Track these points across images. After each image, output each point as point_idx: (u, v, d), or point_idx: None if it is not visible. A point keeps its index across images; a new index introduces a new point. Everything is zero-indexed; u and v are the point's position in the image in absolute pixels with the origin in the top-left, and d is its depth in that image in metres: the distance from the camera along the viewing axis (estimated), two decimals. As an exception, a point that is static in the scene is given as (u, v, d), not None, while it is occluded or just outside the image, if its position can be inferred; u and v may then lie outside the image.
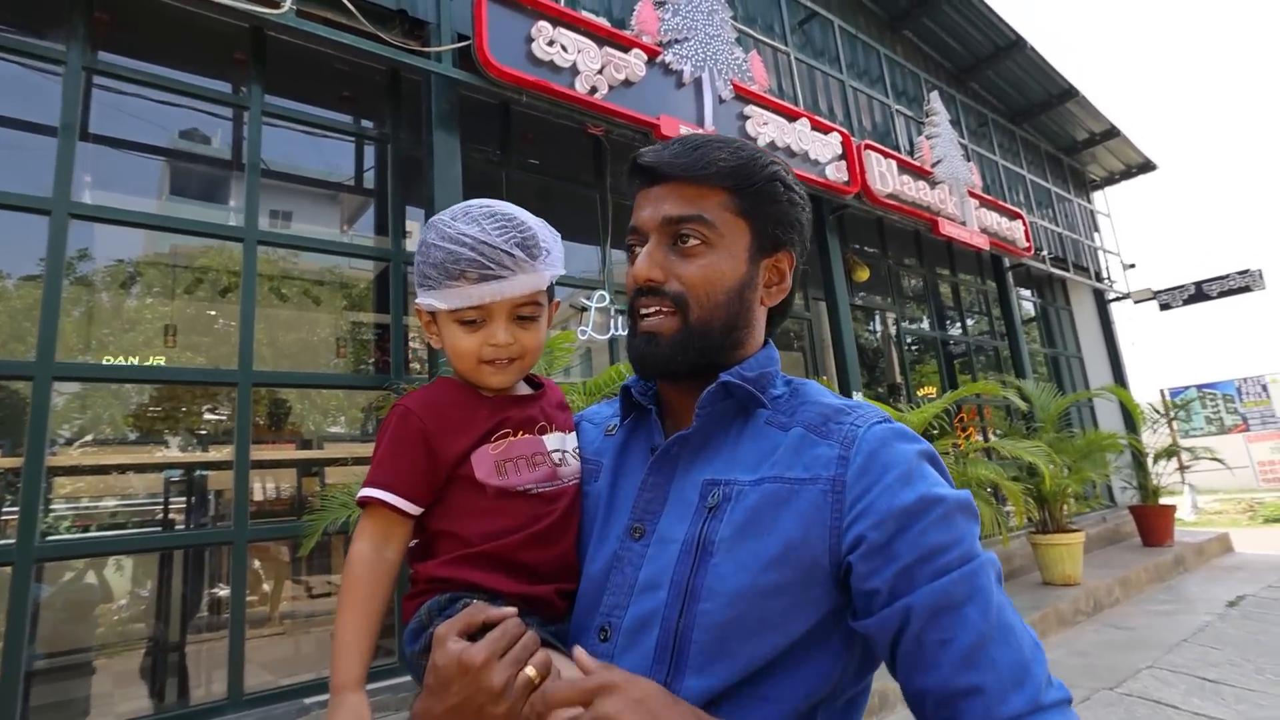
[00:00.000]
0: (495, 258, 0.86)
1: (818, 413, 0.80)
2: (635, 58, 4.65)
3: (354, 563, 0.83)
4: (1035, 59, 8.67)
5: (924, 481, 0.72)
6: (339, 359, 5.57)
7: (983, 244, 7.51)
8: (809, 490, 0.73)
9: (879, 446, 0.74)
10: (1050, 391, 7.06)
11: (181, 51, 3.67)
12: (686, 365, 0.83)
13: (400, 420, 0.87)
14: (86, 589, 3.97)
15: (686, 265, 0.82)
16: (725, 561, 0.72)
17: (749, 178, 0.83)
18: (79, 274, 4.05)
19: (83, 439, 4.44)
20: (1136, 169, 11.48)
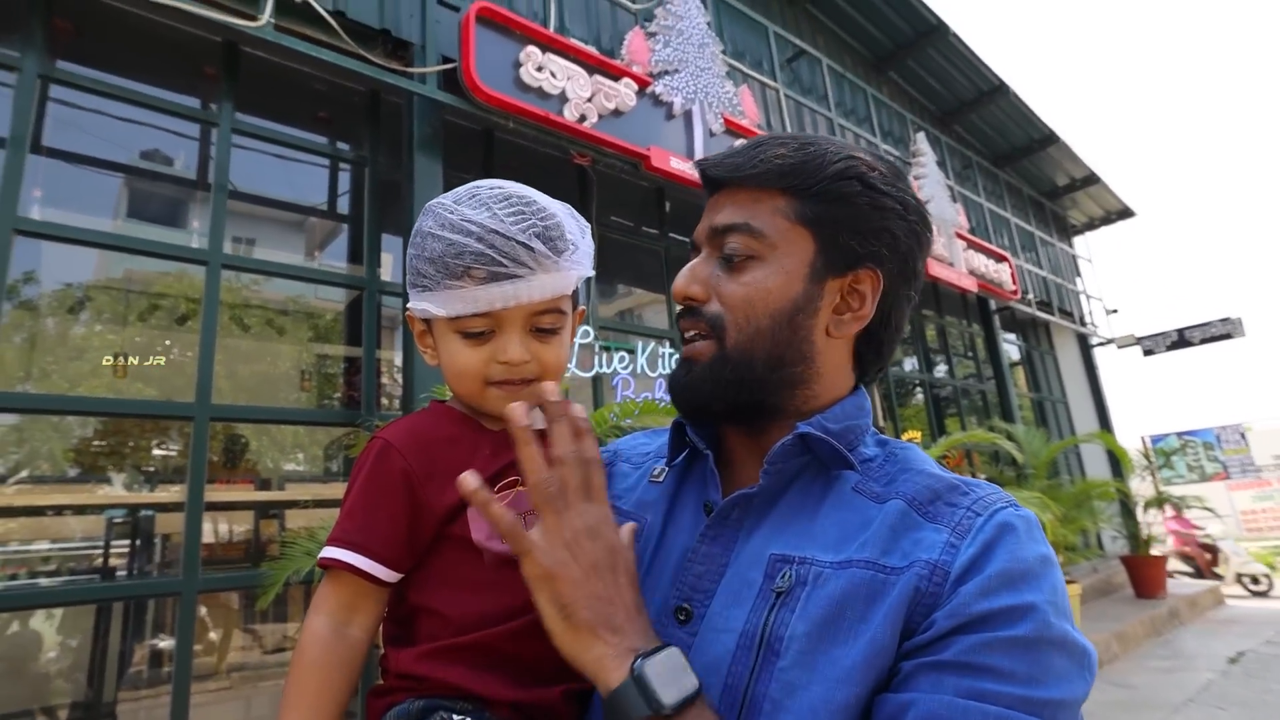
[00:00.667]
0: (510, 251, 0.69)
1: (925, 486, 0.65)
2: (626, 87, 4.65)
3: (308, 644, 0.65)
4: (1018, 104, 8.94)
5: (1035, 592, 0.56)
6: (303, 392, 5.35)
7: (970, 286, 7.60)
8: (904, 579, 0.58)
9: (1000, 535, 0.59)
10: (1042, 437, 7.09)
11: (148, 64, 3.55)
12: (723, 403, 0.70)
13: (378, 460, 0.70)
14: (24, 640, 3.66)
15: (730, 282, 0.70)
16: (796, 666, 0.57)
17: (811, 176, 0.69)
18: (24, 297, 3.84)
19: (15, 476, 4.16)
20: (1116, 215, 11.86)
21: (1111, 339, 11.23)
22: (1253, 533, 15.34)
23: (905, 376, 8.50)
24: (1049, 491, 6.43)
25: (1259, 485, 15.73)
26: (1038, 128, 9.49)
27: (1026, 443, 6.97)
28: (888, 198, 0.70)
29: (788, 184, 0.69)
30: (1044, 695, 0.52)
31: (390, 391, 4.56)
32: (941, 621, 0.55)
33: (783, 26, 6.94)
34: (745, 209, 0.71)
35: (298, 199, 4.46)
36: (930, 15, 7.71)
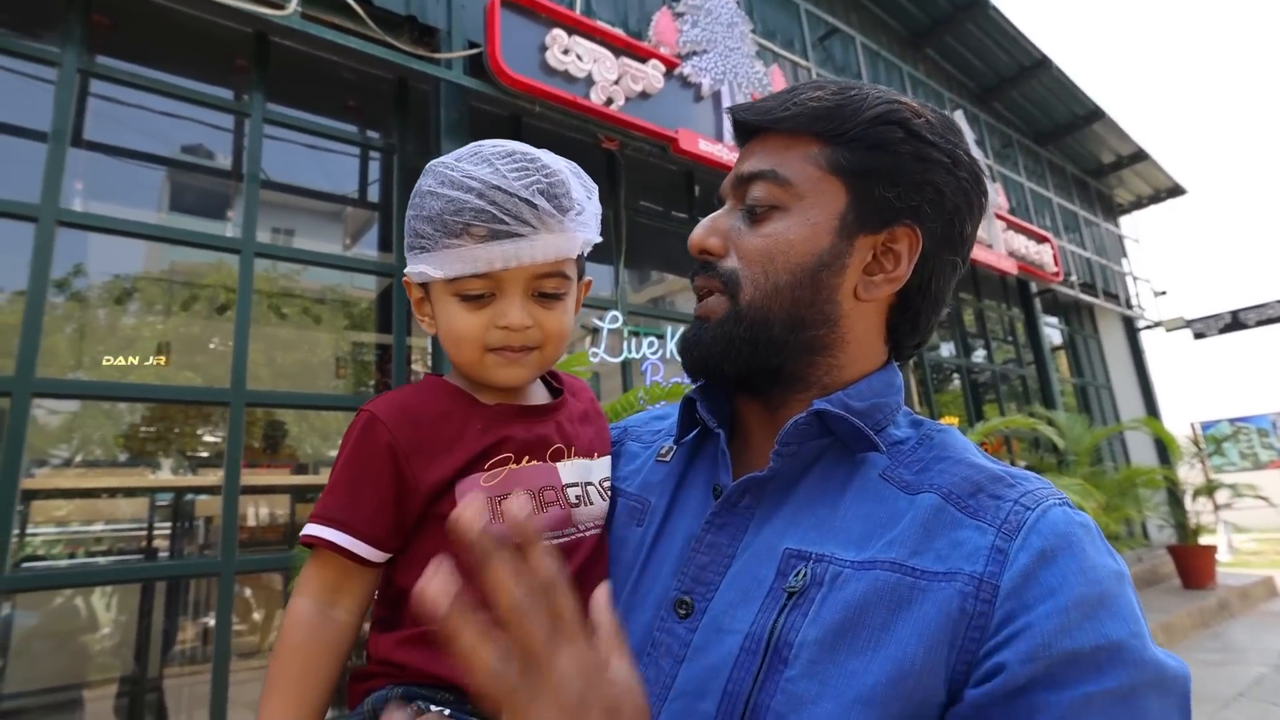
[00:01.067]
0: (512, 208, 0.64)
1: (964, 476, 0.57)
2: (653, 69, 4.58)
3: (291, 626, 0.62)
4: (1061, 79, 8.61)
5: (1117, 622, 0.48)
6: (339, 380, 5.44)
7: (1010, 268, 7.38)
8: (941, 590, 0.51)
9: (1059, 545, 0.51)
10: (1083, 424, 6.87)
11: (182, 57, 3.61)
12: (735, 365, 0.64)
13: (363, 433, 0.66)
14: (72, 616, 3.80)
15: (750, 235, 0.64)
16: (806, 677, 0.50)
17: (848, 120, 0.62)
18: (74, 289, 3.96)
19: (69, 460, 4.32)
20: (1165, 193, 11.40)
21: (1160, 322, 10.87)
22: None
23: (942, 362, 8.31)
24: (1091, 479, 6.25)
25: (1317, 473, 15.08)
26: (1082, 103, 9.13)
27: (1068, 429, 6.77)
28: (934, 148, 0.62)
29: (821, 128, 0.63)
30: None
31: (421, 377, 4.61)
32: (1016, 666, 0.47)
33: (814, 4, 6.76)
34: (774, 155, 0.65)
35: (329, 188, 4.50)
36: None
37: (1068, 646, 0.47)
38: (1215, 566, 7.74)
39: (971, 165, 0.65)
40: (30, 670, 3.36)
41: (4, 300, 3.54)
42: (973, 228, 0.67)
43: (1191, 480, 8.39)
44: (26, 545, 4.00)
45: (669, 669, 0.57)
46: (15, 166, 3.03)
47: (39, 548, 4.08)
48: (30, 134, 3.10)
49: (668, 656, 0.58)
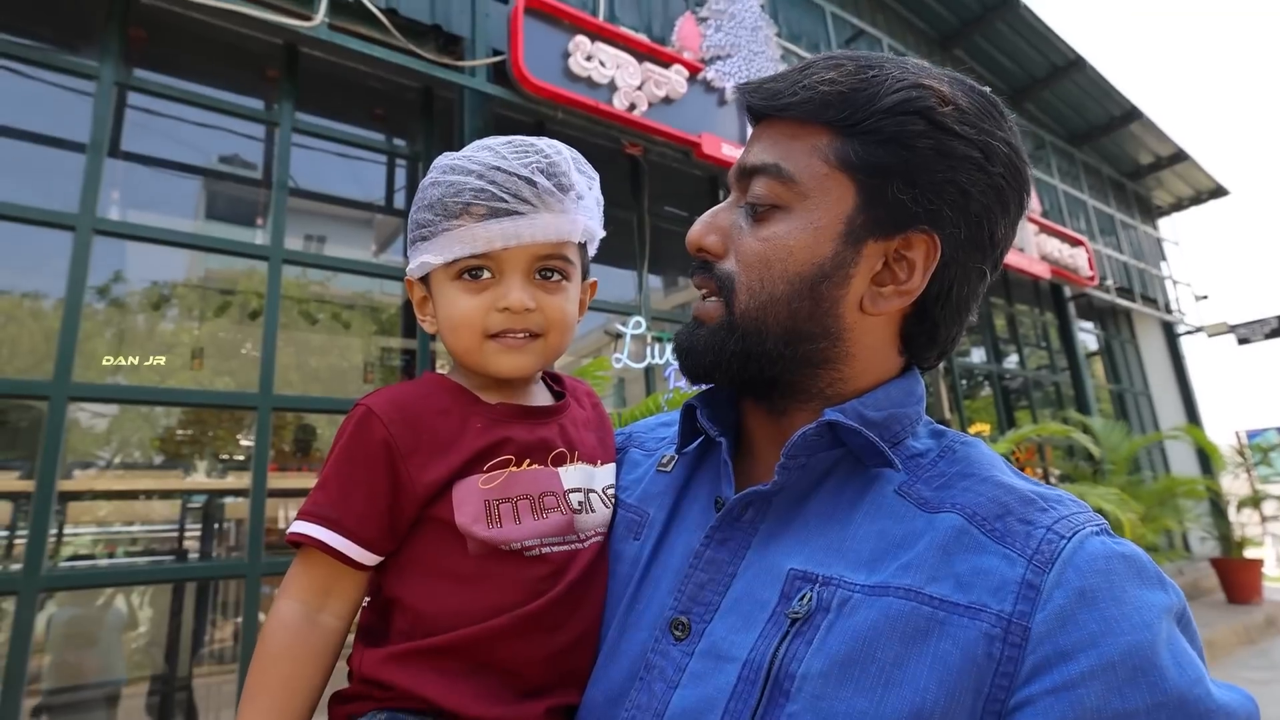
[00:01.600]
0: (511, 187, 0.63)
1: (990, 497, 0.52)
2: (676, 74, 4.57)
3: (274, 630, 0.58)
4: (1095, 78, 8.41)
5: (1176, 673, 0.43)
6: (367, 384, 5.50)
7: (1043, 272, 7.22)
8: (963, 627, 0.46)
9: (1100, 583, 0.45)
10: (1120, 432, 6.68)
11: (215, 68, 3.69)
12: (727, 375, 0.60)
13: (358, 428, 0.62)
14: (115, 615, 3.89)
15: (749, 236, 0.59)
16: (808, 713, 0.46)
17: (862, 108, 0.55)
18: (112, 295, 4.06)
19: (110, 463, 4.42)
20: (1207, 194, 11.08)
21: (1201, 327, 10.58)
22: (1363, 535, 14.16)
23: (973, 368, 8.16)
24: (1129, 489, 6.07)
25: (1370, 484, 14.48)
26: (1118, 103, 8.91)
27: (1104, 436, 6.59)
28: (961, 141, 0.54)
29: (832, 117, 0.56)
30: None
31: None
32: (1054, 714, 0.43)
33: (840, 6, 6.70)
34: (778, 146, 0.59)
35: (357, 195, 4.56)
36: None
37: (1119, 708, 0.42)
38: (1262, 580, 7.49)
39: (1010, 157, 0.57)
40: (65, 667, 3.43)
41: (43, 307, 3.64)
42: (1008, 229, 0.60)
43: (1236, 491, 8.14)
44: (64, 545, 4.10)
45: (662, 694, 0.53)
46: (55, 177, 3.12)
47: (75, 548, 4.18)
48: (69, 145, 3.18)
49: (661, 680, 0.54)
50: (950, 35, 7.88)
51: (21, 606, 2.65)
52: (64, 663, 3.40)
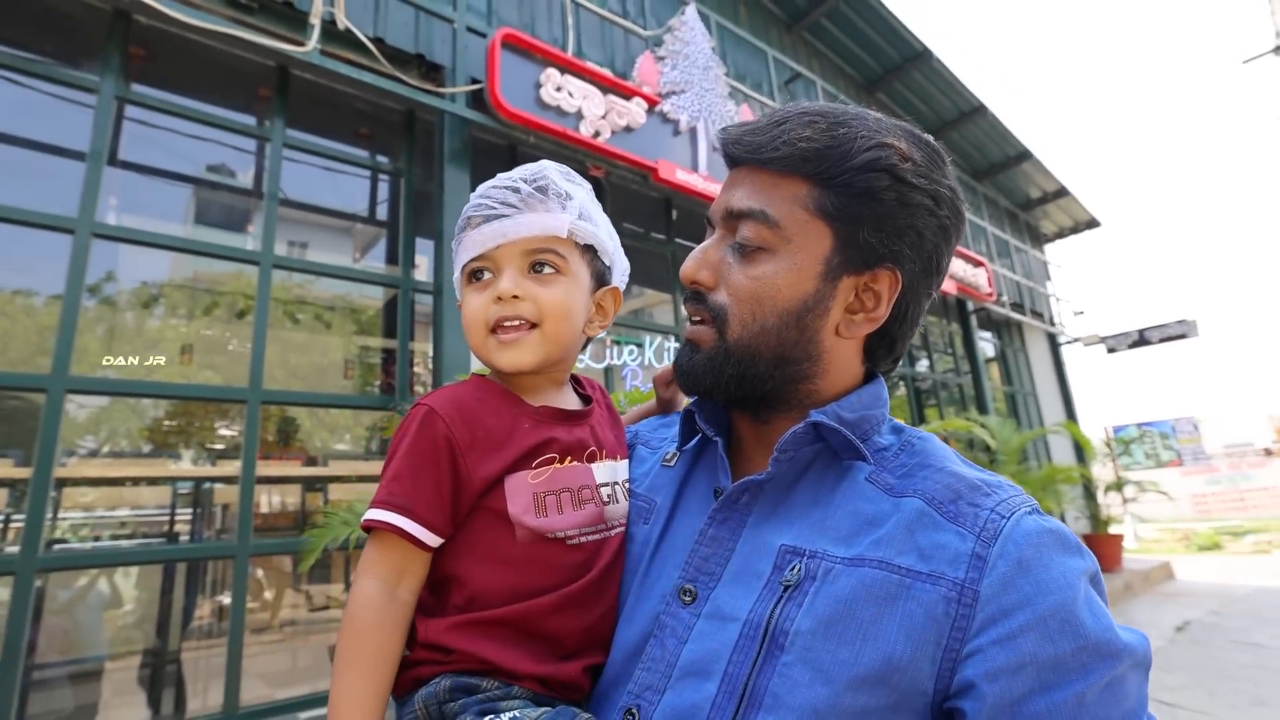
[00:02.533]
0: (499, 196, 0.67)
1: (944, 484, 0.57)
2: (636, 106, 4.64)
3: (361, 608, 0.59)
4: (995, 123, 8.82)
5: (1092, 622, 0.48)
6: (346, 380, 5.41)
7: (950, 288, 7.54)
8: (925, 590, 0.50)
9: (1033, 554, 0.51)
10: (1011, 427, 7.03)
11: (210, 86, 3.59)
12: (724, 393, 0.63)
13: (422, 426, 0.63)
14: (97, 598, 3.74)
15: (738, 272, 0.61)
16: (800, 663, 0.50)
17: (836, 165, 0.58)
18: (104, 294, 3.91)
19: (96, 451, 4.25)
20: (1084, 225, 11.69)
21: (1078, 338, 11.11)
22: (1202, 514, 15.19)
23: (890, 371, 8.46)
24: (1018, 476, 6.39)
25: (1209, 472, 15.57)
26: (1013, 145, 9.37)
27: (999, 431, 6.91)
28: (918, 192, 0.59)
29: (809, 171, 0.59)
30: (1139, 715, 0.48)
31: (423, 380, 4.60)
32: (1003, 681, 0.47)
33: (780, 51, 6.88)
34: (762, 194, 0.60)
35: (341, 206, 4.49)
36: (916, 42, 7.61)
37: (1051, 653, 0.47)
38: (1122, 553, 7.94)
39: (953, 200, 0.61)
40: (63, 642, 3.31)
41: (41, 304, 3.49)
42: (949, 256, 0.65)
43: (1103, 477, 8.61)
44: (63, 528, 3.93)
45: (674, 648, 0.57)
46: (56, 182, 3.00)
47: (73, 530, 4.01)
48: (70, 153, 3.07)
49: (672, 637, 0.57)
50: (874, 81, 8.16)
51: (19, 586, 2.56)
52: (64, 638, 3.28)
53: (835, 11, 7.20)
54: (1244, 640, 5.20)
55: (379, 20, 3.78)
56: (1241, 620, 5.88)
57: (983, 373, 8.48)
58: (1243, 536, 11.90)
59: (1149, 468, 15.69)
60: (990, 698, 0.47)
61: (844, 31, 7.47)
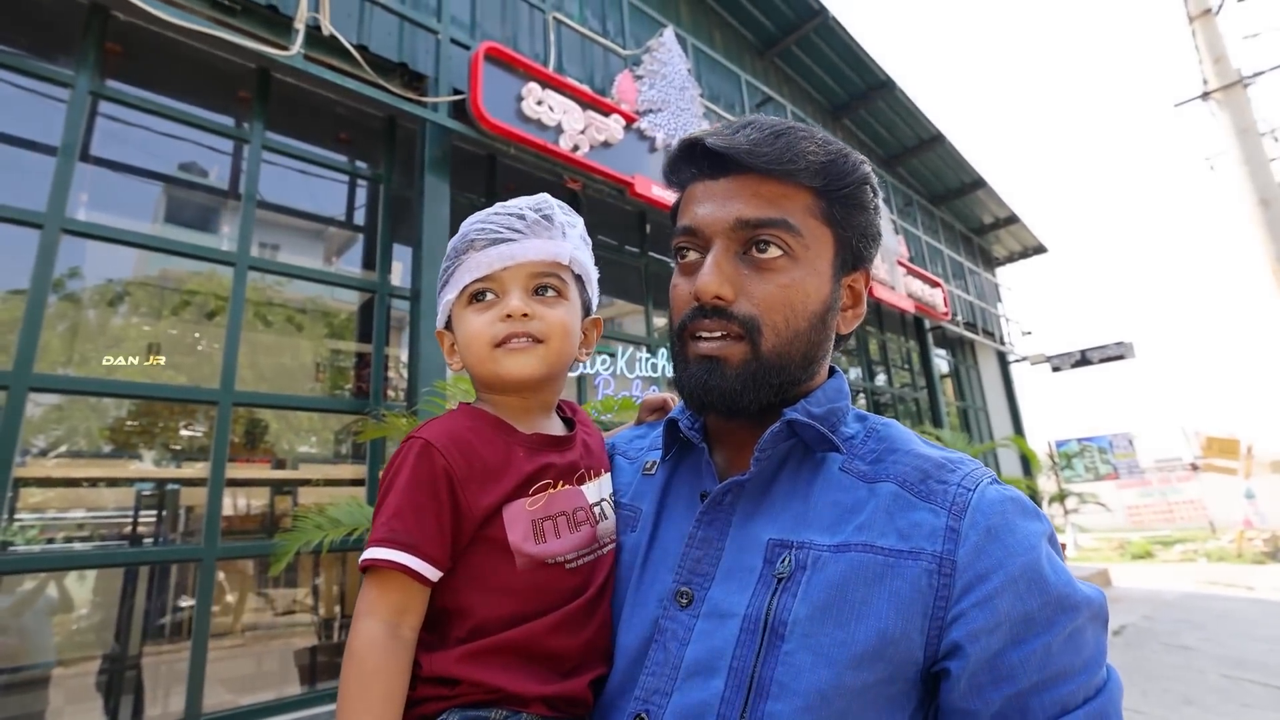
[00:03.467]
0: (504, 221, 0.68)
1: (913, 466, 0.59)
2: (614, 122, 4.68)
3: (366, 650, 0.56)
4: (953, 152, 9.13)
5: (1054, 578, 0.52)
6: (318, 383, 5.29)
7: (909, 307, 7.74)
8: (908, 567, 0.53)
9: (999, 521, 0.54)
10: (964, 440, 7.24)
11: (188, 85, 3.50)
12: (758, 404, 0.61)
13: (419, 459, 0.61)
14: (49, 602, 3.56)
15: (762, 282, 0.60)
16: (802, 650, 0.52)
17: (841, 178, 0.62)
18: (69, 290, 3.75)
19: (56, 451, 4.05)
20: (1032, 250, 12.14)
21: (1025, 357, 11.46)
22: (1135, 525, 15.81)
23: (850, 385, 8.60)
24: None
25: (1143, 484, 16.21)
26: (969, 173, 9.70)
27: (952, 444, 7.10)
28: (879, 202, 0.67)
29: (819, 183, 0.61)
30: (1096, 670, 0.51)
31: (396, 385, 4.53)
32: (982, 640, 0.50)
33: (753, 76, 7.02)
34: (776, 204, 0.60)
35: (319, 210, 4.41)
36: (880, 72, 7.85)
37: (1022, 610, 0.50)
38: (1064, 560, 8.21)
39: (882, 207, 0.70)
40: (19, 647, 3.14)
41: (4, 299, 3.34)
42: None
43: (1048, 489, 8.89)
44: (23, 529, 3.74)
45: (676, 651, 0.57)
46: (25, 176, 2.89)
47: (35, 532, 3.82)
48: (41, 148, 2.95)
49: (674, 640, 0.58)
50: (840, 107, 8.37)
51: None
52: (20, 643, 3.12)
53: (805, 40, 7.38)
54: (1174, 643, 5.42)
55: (363, 28, 3.75)
56: (1172, 625, 6.13)
57: (938, 388, 8.72)
58: (1172, 546, 12.42)
59: (1088, 480, 16.27)
60: (973, 656, 0.50)
61: (813, 59, 7.67)
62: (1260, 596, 7.57)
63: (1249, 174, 7.10)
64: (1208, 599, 7.49)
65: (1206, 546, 11.86)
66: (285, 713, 2.96)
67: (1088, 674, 0.50)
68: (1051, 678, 0.49)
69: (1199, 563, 10.61)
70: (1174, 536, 13.76)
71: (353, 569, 4.42)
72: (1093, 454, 17.35)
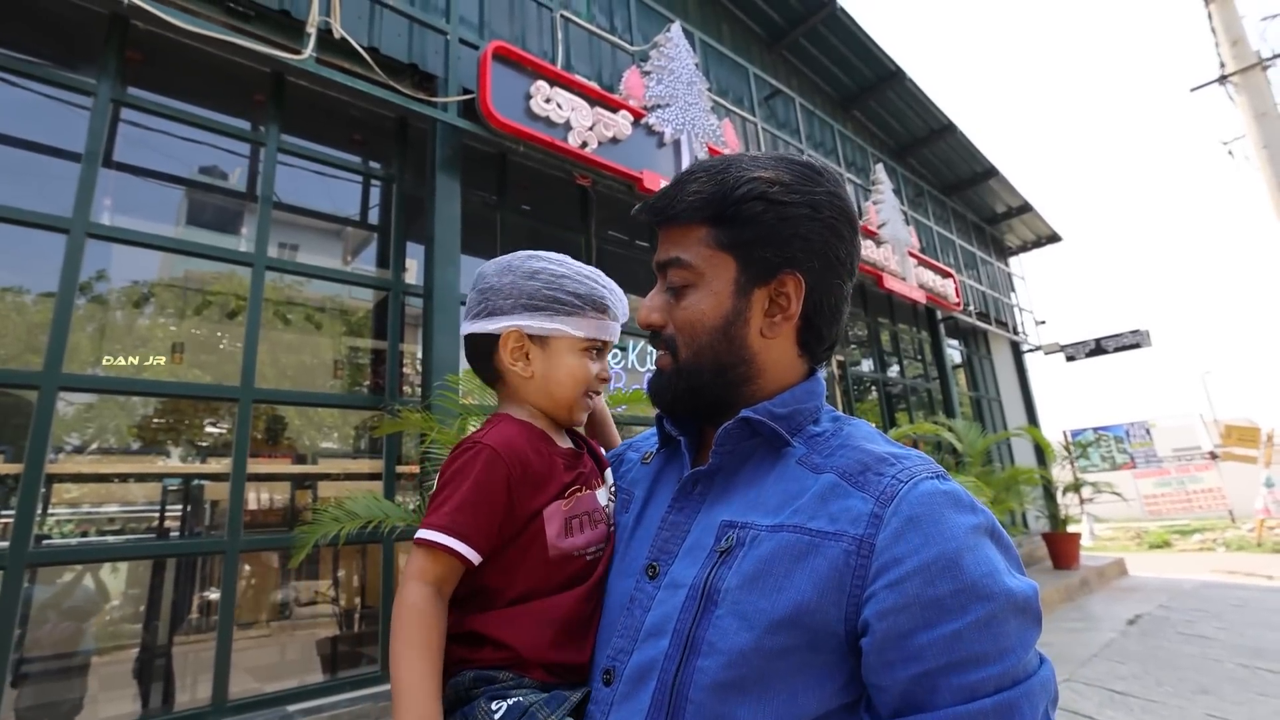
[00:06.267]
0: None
1: (856, 460, 0.63)
2: (623, 118, 4.68)
3: (416, 608, 0.68)
4: (964, 141, 9.00)
5: (974, 568, 0.53)
6: (336, 379, 5.37)
7: (920, 298, 7.67)
8: (830, 547, 0.57)
9: (923, 512, 0.56)
10: (977, 430, 7.17)
11: (206, 90, 3.56)
12: (683, 405, 0.73)
13: (488, 466, 0.73)
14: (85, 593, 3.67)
15: (676, 309, 0.72)
16: (730, 615, 0.58)
17: (720, 205, 0.68)
18: (95, 293, 3.84)
19: (87, 448, 4.16)
20: (1046, 239, 11.94)
21: (1039, 346, 11.32)
22: (1153, 514, 15.57)
23: (862, 376, 8.59)
24: (982, 477, 6.50)
25: (1160, 474, 15.97)
26: (980, 162, 9.56)
27: (965, 435, 7.03)
28: (791, 206, 0.67)
29: (704, 216, 0.69)
30: (1014, 662, 0.51)
31: (410, 381, 4.58)
32: (891, 619, 0.53)
33: (761, 69, 6.97)
34: (677, 244, 0.72)
35: (334, 210, 4.47)
36: (890, 63, 7.75)
37: (932, 594, 0.52)
38: (1079, 550, 8.11)
39: (832, 201, 0.69)
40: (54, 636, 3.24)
41: (34, 302, 3.43)
42: (849, 248, 0.71)
43: (1062, 479, 8.75)
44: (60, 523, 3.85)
45: (640, 616, 0.66)
46: (51, 182, 2.96)
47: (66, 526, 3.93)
48: (66, 154, 3.02)
49: (639, 608, 0.66)
50: (849, 98, 8.29)
51: (8, 581, 2.51)
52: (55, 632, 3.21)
53: (813, 31, 7.31)
54: (1190, 632, 5.35)
55: (374, 30, 3.78)
56: (1188, 614, 6.05)
57: (950, 379, 8.64)
58: (1190, 535, 12.24)
59: (1104, 470, 16.06)
60: (879, 633, 0.53)
61: (821, 51, 7.59)
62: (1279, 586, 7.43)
63: (1268, 158, 6.93)
64: (1226, 588, 7.38)
65: (1225, 536, 11.67)
66: (305, 700, 3.03)
67: (1003, 664, 0.51)
68: (961, 662, 0.51)
69: (1218, 552, 10.44)
70: (1192, 526, 13.55)
71: (372, 562, 4.49)
72: (1109, 443, 17.12)
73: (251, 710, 2.88)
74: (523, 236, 4.76)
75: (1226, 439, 13.26)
